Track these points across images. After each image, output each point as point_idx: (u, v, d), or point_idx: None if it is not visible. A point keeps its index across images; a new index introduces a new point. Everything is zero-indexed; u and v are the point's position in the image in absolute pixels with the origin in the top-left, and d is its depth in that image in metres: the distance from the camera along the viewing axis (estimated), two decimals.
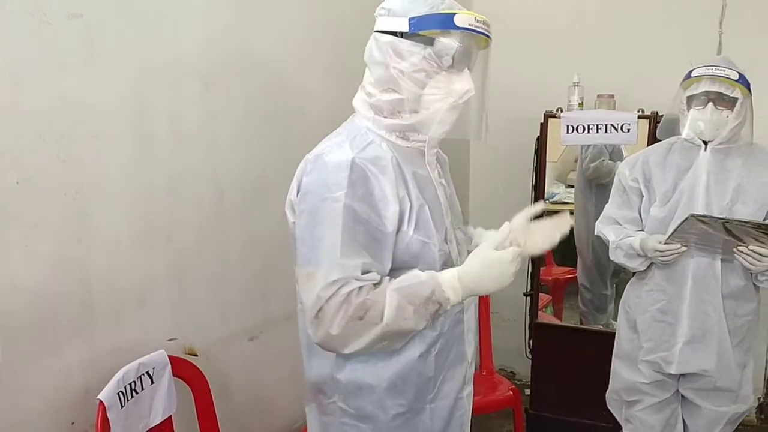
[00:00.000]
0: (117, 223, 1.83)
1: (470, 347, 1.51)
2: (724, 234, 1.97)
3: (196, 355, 2.10)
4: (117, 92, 1.80)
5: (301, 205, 1.31)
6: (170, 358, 1.86)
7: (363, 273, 1.26)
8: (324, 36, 2.51)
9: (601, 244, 2.41)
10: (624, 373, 2.35)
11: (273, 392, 2.48)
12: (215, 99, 2.09)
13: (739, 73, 2.04)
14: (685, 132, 2.10)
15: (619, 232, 2.27)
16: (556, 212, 3.31)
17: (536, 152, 3.10)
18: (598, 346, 2.59)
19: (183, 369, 1.92)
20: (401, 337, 1.32)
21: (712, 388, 2.20)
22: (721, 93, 2.03)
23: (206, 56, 2.05)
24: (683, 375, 2.24)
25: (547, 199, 3.32)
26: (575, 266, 3.39)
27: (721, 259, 2.11)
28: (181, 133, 1.99)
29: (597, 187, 3.20)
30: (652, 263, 2.21)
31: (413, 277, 1.30)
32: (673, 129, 2.20)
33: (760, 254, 1.96)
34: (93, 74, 1.73)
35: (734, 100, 2.04)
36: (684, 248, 2.06)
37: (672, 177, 2.17)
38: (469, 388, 1.54)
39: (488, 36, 1.33)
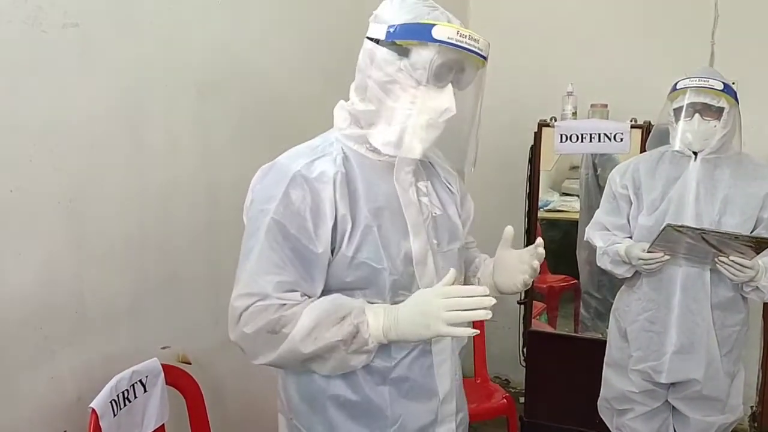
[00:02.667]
0: (110, 230, 1.83)
1: (443, 382, 1.38)
2: (704, 244, 1.97)
3: (190, 363, 2.09)
4: (112, 100, 1.80)
5: (247, 212, 1.30)
6: (163, 366, 1.86)
7: (287, 291, 1.22)
8: (320, 43, 2.52)
9: None
10: (614, 382, 2.35)
11: (267, 400, 2.45)
12: (210, 106, 2.09)
13: (723, 83, 2.05)
14: (677, 144, 2.11)
15: (606, 238, 2.28)
16: (553, 221, 3.40)
17: (530, 161, 3.11)
18: (593, 355, 2.59)
19: (176, 377, 1.91)
20: (325, 362, 1.24)
21: (699, 398, 2.20)
22: (707, 103, 2.04)
23: (201, 64, 2.05)
24: (672, 384, 2.24)
25: (541, 207, 3.33)
26: (570, 274, 3.38)
27: (711, 270, 2.11)
28: (176, 140, 1.99)
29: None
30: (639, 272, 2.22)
31: (334, 298, 1.24)
32: (662, 141, 2.22)
33: (742, 265, 1.97)
34: (88, 82, 1.73)
35: (721, 109, 2.04)
36: (667, 257, 2.07)
37: (661, 186, 2.18)
38: (446, 428, 1.40)
39: (473, 52, 1.21)
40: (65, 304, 1.73)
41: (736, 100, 2.08)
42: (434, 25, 1.18)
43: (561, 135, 2.92)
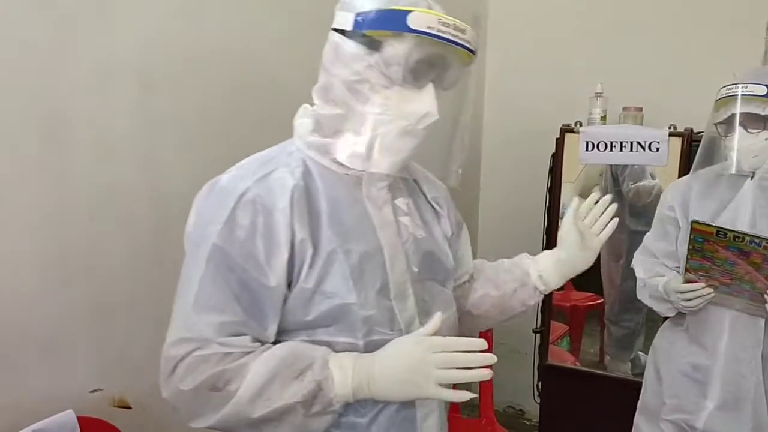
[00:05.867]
0: (21, 251, 1.53)
1: None
2: (743, 262, 1.65)
3: (129, 407, 1.78)
4: (24, 93, 1.51)
5: (188, 237, 1.09)
6: (80, 419, 1.53)
7: (233, 335, 1.02)
8: (301, 23, 2.17)
9: (631, 274, 2.14)
10: (645, 431, 2.04)
11: None
12: (157, 101, 1.79)
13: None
14: (732, 167, 1.79)
15: (649, 268, 1.99)
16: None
17: (551, 171, 2.77)
18: (618, 396, 2.30)
19: (98, 431, 1.59)
20: (280, 425, 1.02)
21: None
22: (750, 113, 1.73)
23: (146, 50, 1.74)
24: None
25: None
26: (597, 292, 3.10)
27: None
28: (110, 142, 1.69)
29: (631, 207, 2.90)
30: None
31: (291, 347, 1.03)
32: (711, 157, 1.92)
33: None
34: None
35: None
36: (710, 291, 1.76)
37: (712, 210, 1.86)
38: None
39: (459, 44, 1.03)
40: None
41: None
42: (410, 11, 1.01)
43: (587, 142, 2.61)
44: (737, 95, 1.74)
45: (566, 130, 2.68)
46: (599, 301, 3.12)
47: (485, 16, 3.28)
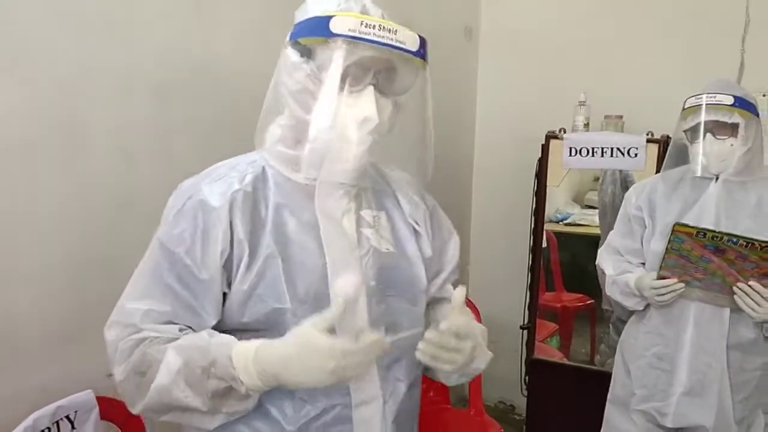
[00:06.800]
0: (49, 251, 1.65)
1: None
2: (718, 259, 1.75)
3: None
4: (48, 103, 1.62)
5: None
6: (99, 399, 1.65)
7: (163, 323, 1.06)
8: None
9: None
10: (616, 422, 2.15)
11: None
12: (172, 111, 1.91)
13: (735, 96, 1.84)
14: (698, 170, 1.91)
15: (617, 265, 2.09)
16: (572, 235, 3.17)
17: (537, 175, 2.89)
18: (603, 389, 2.34)
19: (115, 410, 1.71)
20: (195, 416, 1.03)
21: None
22: (718, 120, 1.85)
23: (162, 64, 1.86)
24: (678, 430, 2.02)
25: (561, 221, 3.16)
26: (588, 294, 3.19)
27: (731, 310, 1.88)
28: (127, 147, 1.81)
29: None
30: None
31: (198, 338, 1.04)
32: (679, 160, 2.02)
33: (761, 294, 1.74)
34: (18, 82, 1.56)
35: (735, 125, 1.84)
36: (682, 285, 1.87)
37: (677, 209, 1.98)
38: None
39: (388, 45, 0.99)
40: None
41: (755, 112, 1.86)
42: (333, 16, 0.99)
43: (570, 148, 2.72)
44: (706, 104, 1.85)
45: (551, 136, 2.79)
46: (589, 303, 3.20)
47: (477, 29, 3.36)
